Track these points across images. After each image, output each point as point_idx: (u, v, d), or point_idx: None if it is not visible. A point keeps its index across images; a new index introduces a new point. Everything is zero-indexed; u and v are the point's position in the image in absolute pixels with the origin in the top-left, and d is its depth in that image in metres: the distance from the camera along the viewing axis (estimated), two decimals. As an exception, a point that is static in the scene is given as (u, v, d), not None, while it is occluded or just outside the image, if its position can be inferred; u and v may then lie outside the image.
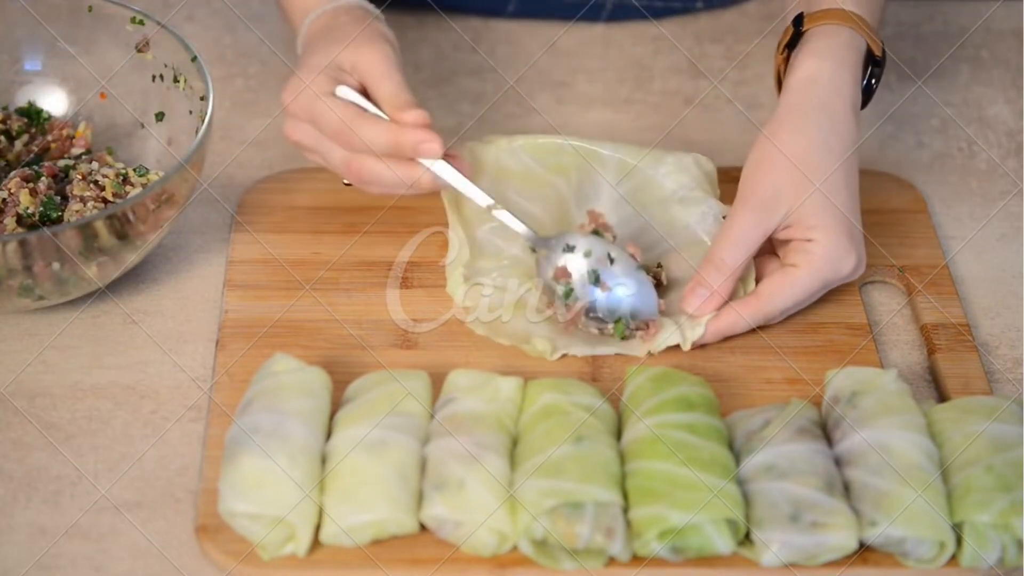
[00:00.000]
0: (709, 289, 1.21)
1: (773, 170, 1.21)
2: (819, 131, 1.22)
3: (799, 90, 1.23)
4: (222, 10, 1.55)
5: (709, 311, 1.21)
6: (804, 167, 1.20)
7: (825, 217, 1.20)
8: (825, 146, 1.21)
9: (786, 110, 1.23)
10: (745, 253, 1.21)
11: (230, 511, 1.07)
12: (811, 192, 1.20)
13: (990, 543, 1.07)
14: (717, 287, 1.21)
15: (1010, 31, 1.57)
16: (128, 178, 1.26)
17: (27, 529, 1.11)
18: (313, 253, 1.29)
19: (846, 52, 1.24)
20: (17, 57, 1.35)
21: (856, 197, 1.23)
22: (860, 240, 1.22)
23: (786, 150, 1.21)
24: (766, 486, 1.08)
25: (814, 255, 1.20)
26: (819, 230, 1.20)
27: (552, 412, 1.12)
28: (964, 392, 1.20)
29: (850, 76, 1.24)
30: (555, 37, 1.53)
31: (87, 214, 1.22)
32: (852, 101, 1.23)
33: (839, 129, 1.22)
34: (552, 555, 1.08)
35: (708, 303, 1.21)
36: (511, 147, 1.30)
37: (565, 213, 1.29)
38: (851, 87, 1.24)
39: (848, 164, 1.22)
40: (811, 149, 1.21)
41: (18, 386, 1.20)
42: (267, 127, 1.43)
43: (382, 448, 1.09)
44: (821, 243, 1.20)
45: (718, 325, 1.22)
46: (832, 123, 1.22)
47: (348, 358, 1.21)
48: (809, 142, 1.21)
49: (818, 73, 1.23)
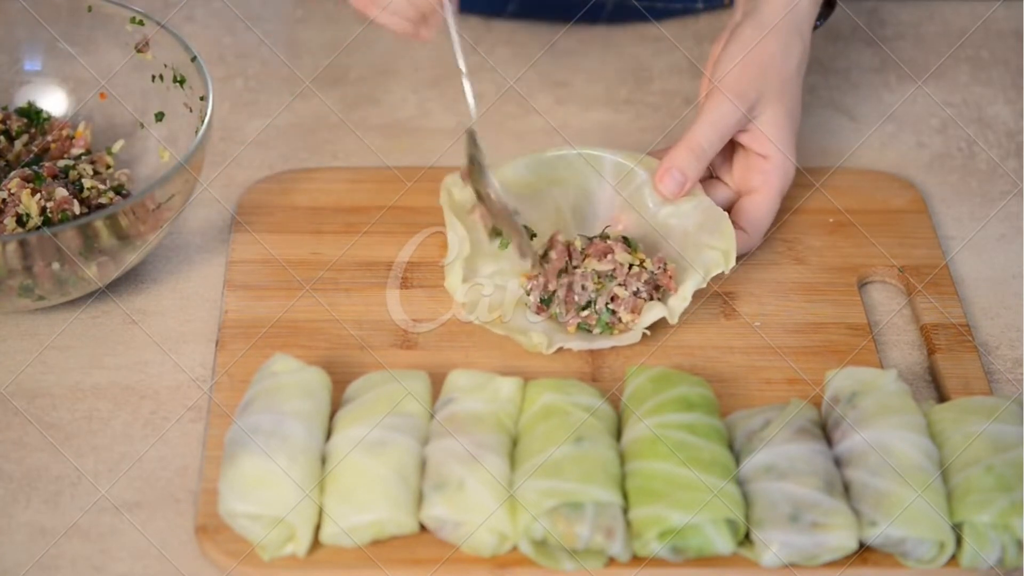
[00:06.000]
0: (683, 172, 1.25)
1: (757, 73, 1.26)
2: (794, 52, 1.28)
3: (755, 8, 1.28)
4: (222, 10, 1.56)
5: (682, 194, 1.26)
6: (783, 83, 1.27)
7: (782, 133, 1.27)
8: (797, 68, 1.28)
9: (753, 7, 1.28)
10: (721, 140, 1.26)
11: (230, 511, 1.07)
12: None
13: (990, 543, 1.08)
14: (690, 172, 1.25)
15: (1010, 31, 1.57)
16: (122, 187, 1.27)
17: (27, 529, 1.11)
18: (313, 253, 1.29)
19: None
20: (17, 57, 1.35)
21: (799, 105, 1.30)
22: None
23: (771, 60, 1.26)
24: (766, 486, 1.08)
25: (769, 175, 1.28)
26: (770, 145, 1.27)
27: (552, 412, 1.12)
28: (964, 392, 1.20)
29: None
30: (555, 37, 1.53)
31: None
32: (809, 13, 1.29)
33: (805, 53, 1.29)
34: (552, 555, 1.08)
35: (681, 188, 1.25)
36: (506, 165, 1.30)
37: (561, 221, 1.29)
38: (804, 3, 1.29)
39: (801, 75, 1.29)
40: (790, 68, 1.27)
41: (18, 386, 1.20)
42: (267, 127, 1.43)
43: (382, 448, 1.09)
44: (775, 160, 1.27)
45: None
46: (802, 47, 1.28)
47: (348, 358, 1.21)
48: (788, 61, 1.27)
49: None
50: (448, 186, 1.29)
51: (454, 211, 1.26)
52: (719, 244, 1.24)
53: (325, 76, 1.49)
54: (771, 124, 1.27)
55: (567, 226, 1.29)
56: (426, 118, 1.45)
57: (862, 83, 1.51)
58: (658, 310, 1.22)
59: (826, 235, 1.33)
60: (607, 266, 1.23)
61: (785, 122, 1.28)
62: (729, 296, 1.28)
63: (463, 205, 1.27)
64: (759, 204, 1.29)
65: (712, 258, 1.24)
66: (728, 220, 1.25)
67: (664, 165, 1.25)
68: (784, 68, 1.27)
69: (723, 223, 1.25)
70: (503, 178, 1.29)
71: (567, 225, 1.29)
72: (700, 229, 1.26)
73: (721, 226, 1.25)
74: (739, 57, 1.27)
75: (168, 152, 1.31)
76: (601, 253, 1.24)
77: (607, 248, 1.24)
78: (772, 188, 1.29)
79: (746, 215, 1.29)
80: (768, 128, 1.27)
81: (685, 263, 1.25)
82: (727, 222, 1.25)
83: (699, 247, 1.25)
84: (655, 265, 1.24)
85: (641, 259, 1.24)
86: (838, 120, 1.46)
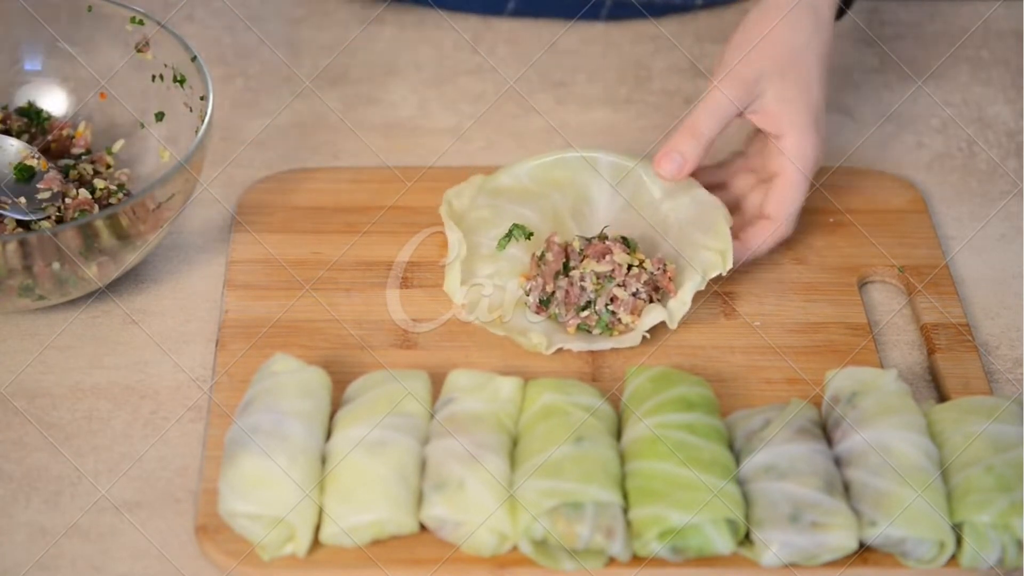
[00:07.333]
0: (682, 155, 1.25)
1: (757, 54, 1.25)
2: (803, 26, 1.27)
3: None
4: (222, 10, 1.55)
5: (680, 176, 1.26)
6: (786, 59, 1.26)
7: (791, 108, 1.25)
8: (807, 43, 1.26)
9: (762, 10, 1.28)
10: (720, 125, 1.25)
11: (230, 511, 1.07)
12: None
13: (990, 543, 1.08)
14: (690, 155, 1.25)
15: (1010, 31, 1.57)
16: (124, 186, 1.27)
17: (27, 529, 1.11)
18: (313, 253, 1.29)
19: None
20: (17, 57, 1.35)
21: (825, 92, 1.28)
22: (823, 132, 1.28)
23: (772, 37, 1.26)
24: (766, 486, 1.08)
25: (787, 155, 1.26)
26: (788, 127, 1.25)
27: (552, 412, 1.12)
28: (964, 392, 1.20)
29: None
30: (555, 37, 1.53)
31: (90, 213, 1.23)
32: (832, 4, 1.29)
33: (821, 28, 1.27)
34: (552, 555, 1.08)
35: (680, 169, 1.25)
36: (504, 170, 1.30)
37: (561, 224, 1.29)
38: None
39: (825, 62, 1.27)
40: (795, 42, 1.26)
41: (18, 386, 1.20)
42: (267, 127, 1.43)
43: (382, 448, 1.09)
44: (789, 139, 1.25)
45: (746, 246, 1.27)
46: (815, 22, 1.27)
47: (348, 358, 1.21)
48: (794, 36, 1.26)
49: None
50: (449, 198, 1.29)
51: (453, 220, 1.27)
52: (715, 245, 1.24)
53: (325, 76, 1.49)
54: (778, 101, 1.26)
55: (567, 228, 1.29)
56: (426, 118, 1.45)
57: (862, 83, 1.51)
58: (657, 313, 1.22)
59: (826, 235, 1.33)
60: (606, 267, 1.22)
61: (795, 97, 1.26)
62: (729, 296, 1.28)
63: (462, 215, 1.28)
64: (780, 188, 1.27)
65: (710, 259, 1.24)
66: (723, 217, 1.25)
67: (664, 148, 1.26)
68: (788, 44, 1.26)
69: (718, 221, 1.25)
70: (500, 185, 1.29)
71: (567, 227, 1.29)
72: (695, 226, 1.26)
73: (716, 224, 1.25)
74: (738, 39, 1.27)
75: (168, 152, 1.31)
76: (599, 254, 1.23)
77: (605, 249, 1.24)
78: (791, 170, 1.26)
79: (769, 201, 1.28)
80: (775, 105, 1.26)
81: (684, 262, 1.25)
82: (722, 220, 1.25)
83: (696, 247, 1.25)
84: (654, 266, 1.23)
85: (640, 260, 1.24)
86: (838, 120, 1.46)
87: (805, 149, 1.26)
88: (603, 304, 1.22)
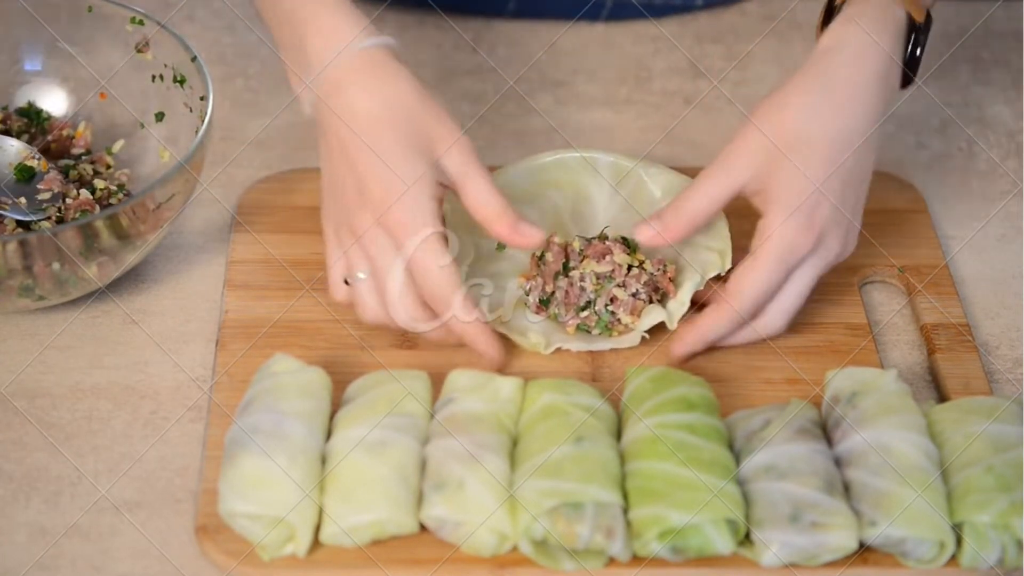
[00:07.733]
0: (662, 226, 1.18)
1: (761, 134, 1.17)
2: (825, 104, 1.17)
3: (818, 59, 1.18)
4: (222, 10, 1.55)
5: (656, 243, 1.19)
6: (796, 138, 1.16)
7: (786, 193, 1.16)
8: (826, 120, 1.17)
9: (802, 76, 1.18)
10: (709, 205, 1.18)
11: (230, 511, 1.07)
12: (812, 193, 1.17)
13: (990, 543, 1.07)
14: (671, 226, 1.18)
15: (1010, 31, 1.57)
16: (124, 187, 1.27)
17: (27, 529, 1.11)
18: (313, 253, 1.29)
19: (877, 21, 1.18)
20: (17, 57, 1.35)
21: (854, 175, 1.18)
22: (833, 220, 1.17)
23: (784, 117, 1.17)
24: (766, 486, 1.08)
25: (765, 237, 1.17)
26: (774, 205, 1.17)
27: (552, 412, 1.12)
28: (964, 392, 1.20)
29: (880, 46, 1.18)
30: (555, 37, 1.53)
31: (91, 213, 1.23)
32: (878, 72, 1.18)
33: (854, 102, 1.17)
34: (552, 555, 1.08)
35: (655, 237, 1.18)
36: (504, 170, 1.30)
37: (560, 225, 1.29)
38: (879, 58, 1.18)
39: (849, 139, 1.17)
40: (810, 121, 1.17)
41: (18, 386, 1.20)
42: (267, 127, 1.43)
43: (382, 448, 1.09)
44: (772, 221, 1.16)
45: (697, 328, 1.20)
46: (847, 95, 1.17)
47: (348, 358, 1.21)
48: (811, 115, 1.17)
49: (842, 42, 1.18)
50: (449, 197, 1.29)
51: (454, 219, 1.27)
52: (715, 245, 1.24)
53: (325, 76, 1.49)
54: (779, 183, 1.17)
55: (567, 228, 1.29)
56: (426, 118, 1.45)
57: (862, 83, 1.51)
58: (657, 314, 1.22)
59: (826, 235, 1.33)
60: (605, 267, 1.22)
61: (796, 184, 1.16)
62: (729, 296, 1.28)
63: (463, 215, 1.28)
64: (743, 265, 1.18)
65: (709, 260, 1.24)
66: (725, 220, 1.25)
67: (653, 215, 1.20)
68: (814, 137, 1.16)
69: (718, 221, 1.25)
70: (500, 185, 1.29)
71: (567, 227, 1.29)
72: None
73: (716, 224, 1.25)
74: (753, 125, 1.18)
75: (168, 152, 1.31)
76: (599, 254, 1.23)
77: (605, 249, 1.24)
78: (761, 249, 1.17)
79: (730, 277, 1.19)
80: (775, 186, 1.17)
81: (683, 262, 1.25)
82: (723, 223, 1.25)
83: (696, 248, 1.25)
84: (654, 266, 1.23)
85: (640, 260, 1.24)
86: (838, 120, 1.46)
87: (784, 234, 1.16)
88: (603, 304, 1.22)
